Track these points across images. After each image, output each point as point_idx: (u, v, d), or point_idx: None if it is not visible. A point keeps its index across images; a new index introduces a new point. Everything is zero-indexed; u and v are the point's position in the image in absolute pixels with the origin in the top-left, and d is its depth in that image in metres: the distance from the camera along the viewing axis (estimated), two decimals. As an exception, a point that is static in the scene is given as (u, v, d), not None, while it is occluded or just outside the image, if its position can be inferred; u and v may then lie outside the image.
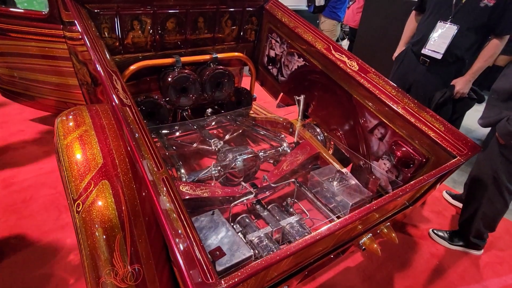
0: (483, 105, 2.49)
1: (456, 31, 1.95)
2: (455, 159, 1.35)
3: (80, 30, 1.34)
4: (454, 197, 2.45)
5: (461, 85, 2.02)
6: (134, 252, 1.02)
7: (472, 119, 3.61)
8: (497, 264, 1.94)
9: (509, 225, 2.25)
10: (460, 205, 2.36)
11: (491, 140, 1.77)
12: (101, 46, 1.31)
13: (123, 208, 1.01)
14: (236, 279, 0.74)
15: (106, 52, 1.31)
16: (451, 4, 1.95)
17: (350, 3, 4.61)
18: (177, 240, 0.73)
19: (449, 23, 1.98)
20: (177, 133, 2.14)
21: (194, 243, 0.74)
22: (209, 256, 0.77)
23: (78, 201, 0.99)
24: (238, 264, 1.12)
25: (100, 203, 0.99)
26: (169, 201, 0.82)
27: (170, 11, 1.89)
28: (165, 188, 0.84)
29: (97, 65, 1.18)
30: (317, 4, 3.72)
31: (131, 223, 1.02)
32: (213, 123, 2.32)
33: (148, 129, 1.06)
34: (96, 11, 1.67)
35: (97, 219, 0.98)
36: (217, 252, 1.08)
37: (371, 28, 3.65)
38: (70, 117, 1.23)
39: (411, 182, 1.20)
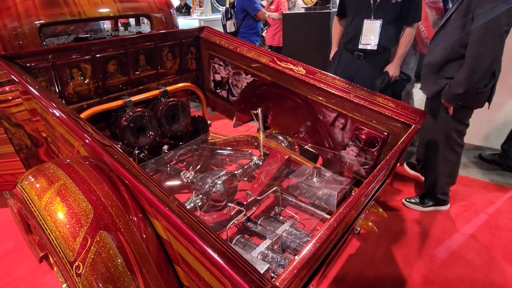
0: (410, 84, 2.88)
1: (380, 25, 2.26)
2: (412, 127, 1.53)
3: (29, 88, 1.21)
4: (412, 167, 2.73)
5: (393, 70, 2.31)
6: (152, 300, 0.92)
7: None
8: (464, 212, 2.20)
9: (460, 178, 2.56)
10: (416, 174, 2.64)
11: (437, 109, 2.00)
12: (56, 97, 1.20)
13: (130, 255, 0.91)
14: (286, 281, 0.73)
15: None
16: (369, 4, 2.27)
17: (266, 28, 4.95)
18: (229, 262, 0.68)
19: (373, 19, 2.29)
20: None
21: (240, 259, 0.70)
22: None
23: (76, 263, 0.86)
24: (262, 278, 1.07)
25: (103, 257, 0.87)
26: (197, 226, 0.76)
27: (109, 54, 1.83)
28: (186, 215, 0.79)
29: (60, 115, 1.07)
30: (228, 31, 3.96)
31: (141, 269, 0.92)
32: (176, 157, 2.23)
33: None
34: (28, 65, 1.53)
35: (104, 276, 0.86)
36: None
37: (293, 42, 4.00)
38: (33, 179, 1.07)
39: (387, 157, 1.31)
